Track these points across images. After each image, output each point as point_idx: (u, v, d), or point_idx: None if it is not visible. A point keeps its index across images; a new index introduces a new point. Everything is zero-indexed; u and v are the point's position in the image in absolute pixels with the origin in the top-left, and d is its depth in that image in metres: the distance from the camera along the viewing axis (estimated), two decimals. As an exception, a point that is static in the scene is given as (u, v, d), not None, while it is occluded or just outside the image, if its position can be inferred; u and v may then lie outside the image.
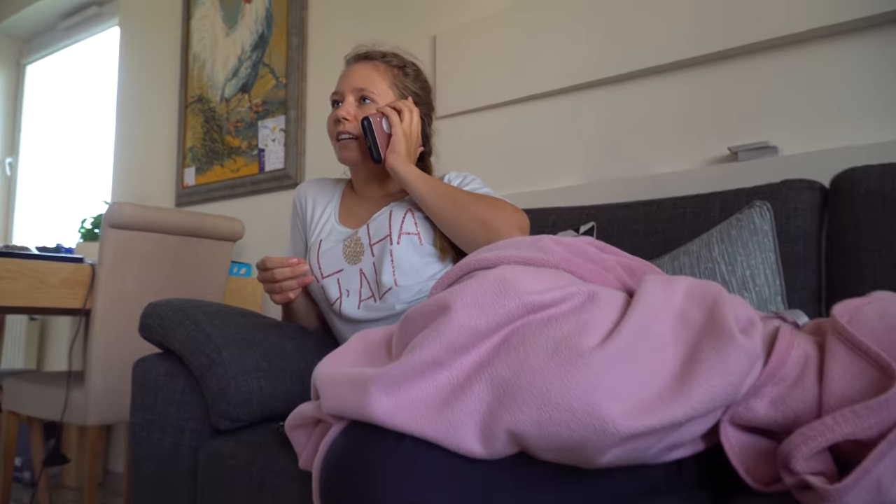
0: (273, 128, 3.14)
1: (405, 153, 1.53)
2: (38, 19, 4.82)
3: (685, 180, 1.84)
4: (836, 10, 1.69)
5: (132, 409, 1.47)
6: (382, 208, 1.61)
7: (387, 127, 1.54)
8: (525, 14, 2.27)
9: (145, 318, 1.49)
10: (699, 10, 1.90)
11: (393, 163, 1.51)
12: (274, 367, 1.44)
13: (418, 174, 1.51)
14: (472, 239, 1.43)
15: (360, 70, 1.63)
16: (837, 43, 1.72)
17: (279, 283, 1.51)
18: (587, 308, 0.81)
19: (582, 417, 0.71)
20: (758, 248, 1.38)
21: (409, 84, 1.65)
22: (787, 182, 1.54)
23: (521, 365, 0.75)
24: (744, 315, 0.83)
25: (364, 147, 1.59)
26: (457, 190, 1.49)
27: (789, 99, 1.78)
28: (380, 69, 1.63)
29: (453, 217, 1.45)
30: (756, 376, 0.80)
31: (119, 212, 2.19)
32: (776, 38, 1.77)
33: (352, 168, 1.69)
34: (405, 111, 1.55)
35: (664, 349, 0.79)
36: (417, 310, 0.86)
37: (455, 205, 1.45)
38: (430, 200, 1.48)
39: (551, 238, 1.01)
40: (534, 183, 2.23)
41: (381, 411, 0.76)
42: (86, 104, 4.70)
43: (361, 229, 1.58)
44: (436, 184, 1.49)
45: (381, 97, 1.60)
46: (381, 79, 1.62)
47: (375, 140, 1.52)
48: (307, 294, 1.67)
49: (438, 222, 1.48)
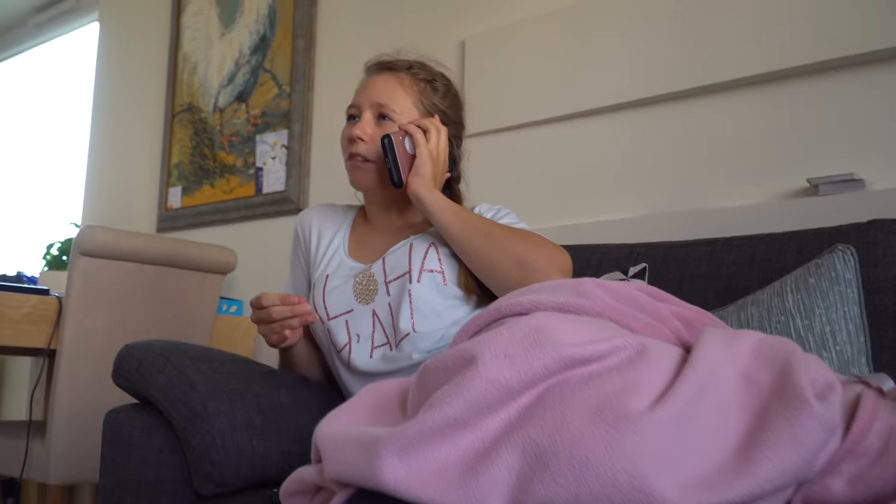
0: (273, 143, 3.18)
1: (430, 178, 1.54)
2: (5, 13, 4.91)
3: (755, 216, 1.84)
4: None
5: (102, 468, 1.49)
6: (401, 241, 1.62)
7: (410, 147, 1.56)
8: (571, 18, 2.30)
9: (120, 361, 1.51)
10: (778, 21, 1.92)
11: (416, 188, 1.52)
12: (269, 424, 1.46)
13: (445, 202, 1.52)
14: (505, 279, 1.44)
15: (382, 82, 1.65)
16: (937, 60, 1.74)
17: (276, 322, 1.52)
18: (636, 364, 0.82)
19: (628, 492, 0.71)
20: (839, 300, 1.38)
21: (437, 101, 1.67)
22: (875, 222, 1.54)
23: (558, 429, 0.76)
24: (821, 378, 0.84)
25: (381, 170, 1.60)
26: (489, 222, 1.51)
27: (880, 125, 1.78)
28: (404, 83, 1.65)
29: (485, 253, 1.46)
30: (833, 450, 0.80)
31: (91, 237, 2.23)
32: (866, 52, 1.79)
33: (366, 194, 1.71)
34: (432, 130, 1.57)
35: (726, 415, 0.79)
36: (438, 361, 0.87)
37: (487, 238, 1.46)
38: (458, 233, 1.49)
39: (595, 282, 1.02)
40: (575, 215, 2.24)
41: (394, 479, 0.76)
42: (57, 111, 4.77)
43: (376, 264, 1.60)
44: (465, 214, 1.51)
45: (404, 115, 1.62)
46: (404, 94, 1.64)
47: (397, 161, 1.54)
48: (309, 338, 1.68)
49: (467, 258, 1.50)
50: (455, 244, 1.50)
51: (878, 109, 1.79)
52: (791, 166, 1.89)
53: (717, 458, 0.76)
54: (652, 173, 2.13)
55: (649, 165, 2.13)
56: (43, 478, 2.23)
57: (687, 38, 2.06)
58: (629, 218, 2.10)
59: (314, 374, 1.70)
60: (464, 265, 1.53)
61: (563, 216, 2.26)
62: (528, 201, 2.32)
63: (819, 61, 1.84)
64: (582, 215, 2.23)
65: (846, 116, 1.83)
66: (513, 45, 2.42)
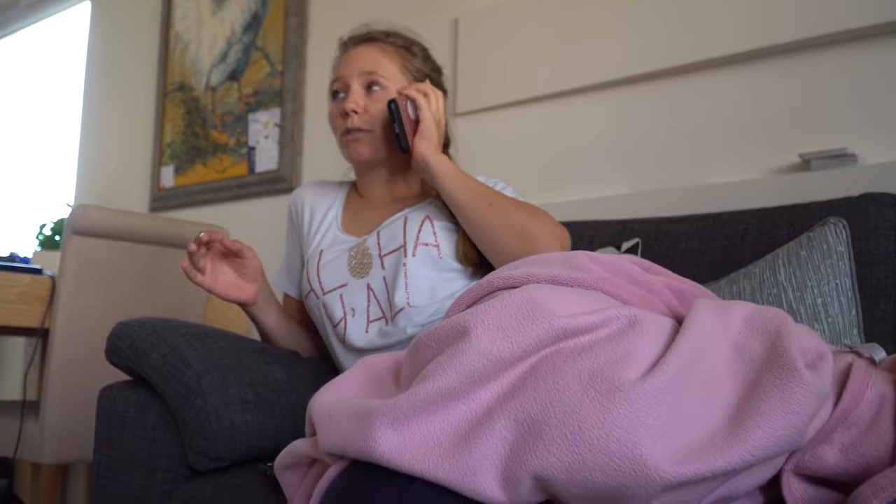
0: (266, 122, 3.17)
1: (437, 141, 1.54)
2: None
3: (748, 191, 1.84)
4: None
5: (95, 445, 1.49)
6: (395, 214, 1.62)
7: (412, 112, 1.55)
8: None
9: (113, 339, 1.51)
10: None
11: (423, 151, 1.51)
12: (262, 399, 1.46)
13: (452, 167, 1.52)
14: (505, 249, 1.43)
15: (364, 52, 1.64)
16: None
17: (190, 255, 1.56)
18: (628, 335, 0.82)
19: (620, 461, 0.72)
20: (831, 273, 1.38)
21: (419, 66, 1.67)
22: (867, 196, 1.54)
23: (550, 399, 0.76)
24: (812, 348, 0.84)
25: (382, 139, 1.60)
26: (494, 191, 1.50)
27: (872, 100, 1.78)
28: (386, 51, 1.64)
29: (488, 222, 1.45)
30: (824, 419, 0.80)
31: (84, 216, 2.22)
32: (858, 28, 1.78)
33: (359, 169, 1.70)
34: (431, 94, 1.56)
35: (717, 385, 0.80)
36: (431, 333, 0.87)
37: (491, 207, 1.46)
38: (463, 199, 1.48)
39: (587, 254, 1.02)
40: (569, 192, 2.24)
41: (387, 450, 0.77)
42: (49, 91, 4.75)
43: (370, 238, 1.59)
44: (470, 182, 1.50)
45: (393, 82, 1.61)
46: (389, 61, 1.63)
47: (403, 126, 1.53)
48: (280, 311, 1.69)
49: (468, 226, 1.49)
50: (458, 210, 1.50)
51: (870, 84, 1.79)
52: (783, 141, 1.89)
53: (708, 427, 0.76)
54: (644, 149, 2.12)
55: (642, 142, 2.13)
56: (36, 457, 2.23)
57: (678, 15, 2.05)
58: (622, 194, 2.10)
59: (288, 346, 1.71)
60: (463, 234, 1.53)
61: (556, 193, 2.26)
62: (520, 178, 2.31)
63: (811, 37, 1.84)
64: (575, 192, 2.23)
65: (838, 91, 1.83)
66: (506, 23, 2.41)
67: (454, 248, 1.54)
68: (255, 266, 1.61)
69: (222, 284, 1.59)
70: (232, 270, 1.61)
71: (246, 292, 1.61)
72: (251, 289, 1.61)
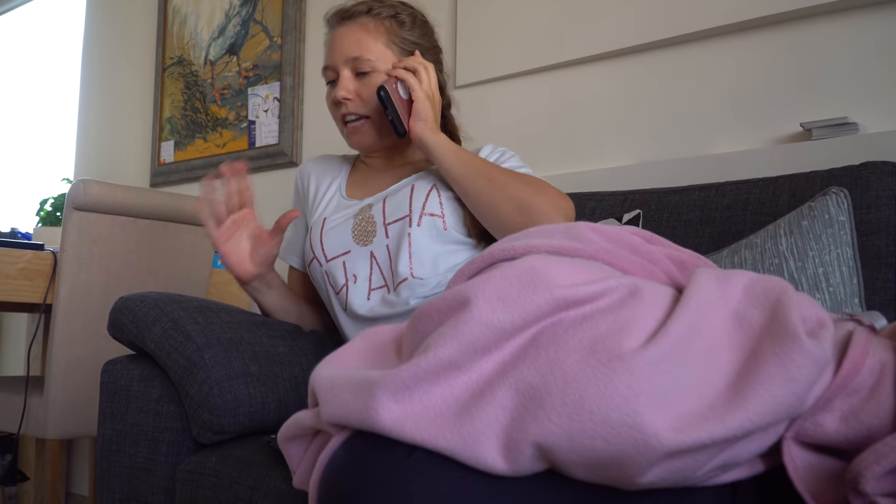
0: (265, 96, 3.16)
1: (432, 119, 1.54)
2: (-7, -33, 4.86)
3: (749, 161, 1.84)
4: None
5: (100, 419, 1.50)
6: (402, 180, 1.63)
7: (404, 92, 1.55)
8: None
9: (115, 314, 1.51)
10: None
11: (420, 132, 1.51)
12: (265, 372, 1.47)
13: (449, 145, 1.52)
14: (506, 223, 1.44)
15: (347, 34, 1.63)
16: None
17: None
18: (628, 304, 0.82)
19: (620, 429, 0.72)
20: (832, 242, 1.38)
21: (407, 35, 1.65)
22: (868, 165, 1.54)
23: (551, 368, 0.76)
24: (812, 315, 0.84)
25: (379, 124, 1.61)
26: (492, 165, 1.50)
27: (873, 68, 1.78)
28: (369, 27, 1.62)
29: (487, 197, 1.46)
30: (825, 386, 0.81)
31: (85, 191, 2.22)
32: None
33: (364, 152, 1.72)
34: (420, 70, 1.55)
35: (718, 353, 0.80)
36: (432, 304, 0.87)
37: (490, 182, 1.46)
38: (461, 176, 1.49)
39: (588, 225, 1.02)
40: (570, 164, 2.24)
41: (389, 419, 0.77)
42: (47, 67, 4.74)
43: (375, 206, 1.60)
44: (468, 157, 1.50)
45: (380, 61, 1.60)
46: (373, 40, 1.61)
47: (397, 111, 1.53)
48: (282, 292, 1.69)
49: (469, 202, 1.50)
50: (457, 186, 1.50)
51: (871, 53, 1.78)
52: (784, 111, 1.89)
53: (709, 394, 0.77)
54: (645, 120, 2.12)
55: (643, 113, 2.13)
56: (41, 433, 2.25)
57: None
58: (623, 165, 2.10)
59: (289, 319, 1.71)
60: (467, 210, 1.54)
61: (558, 165, 2.26)
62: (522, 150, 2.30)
63: (812, 5, 1.83)
64: (576, 163, 2.23)
65: (839, 60, 1.82)
66: (505, -7, 2.40)
67: (460, 219, 1.54)
68: (272, 254, 1.60)
69: (230, 248, 1.57)
70: (248, 245, 1.60)
71: (244, 269, 1.59)
72: (251, 270, 1.60)
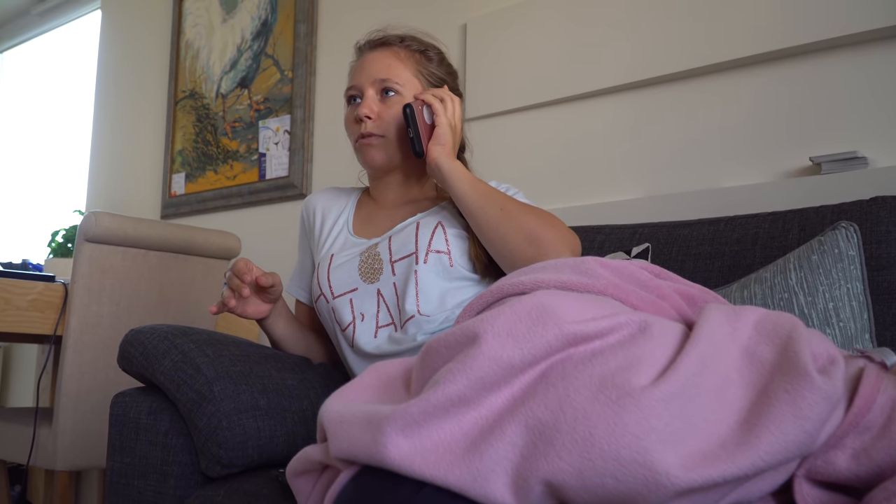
0: (276, 129, 3.18)
1: (451, 147, 1.54)
2: (9, 2, 4.90)
3: (758, 195, 1.84)
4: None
5: (109, 451, 1.50)
6: (407, 219, 1.63)
7: (428, 117, 1.55)
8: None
9: (125, 346, 1.51)
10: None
11: (437, 156, 1.51)
12: (273, 406, 1.46)
13: (464, 172, 1.52)
14: (516, 254, 1.44)
15: (379, 58, 1.65)
16: (940, 37, 1.73)
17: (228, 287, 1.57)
18: (638, 341, 0.82)
19: (631, 467, 0.72)
20: (843, 277, 1.38)
21: (434, 70, 1.67)
22: (878, 199, 1.54)
23: (561, 405, 0.76)
24: (823, 352, 0.84)
25: (396, 144, 1.60)
26: (506, 196, 1.50)
27: (882, 103, 1.78)
28: (400, 55, 1.65)
29: (497, 226, 1.45)
30: (836, 424, 0.80)
31: (96, 223, 2.23)
32: (870, 31, 1.78)
33: (372, 174, 1.71)
34: (447, 100, 1.56)
35: (728, 390, 0.80)
36: (441, 339, 0.87)
37: (502, 212, 1.46)
38: (474, 204, 1.48)
39: (597, 260, 1.02)
40: (579, 197, 2.24)
41: (398, 455, 0.77)
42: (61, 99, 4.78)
43: (382, 243, 1.60)
44: (483, 186, 1.51)
45: (407, 87, 1.62)
46: (403, 66, 1.63)
47: (419, 131, 1.53)
48: (290, 319, 1.70)
49: (479, 230, 1.49)
50: (470, 215, 1.50)
51: (881, 88, 1.79)
52: (794, 145, 1.89)
53: (719, 432, 0.76)
54: (654, 154, 2.12)
55: (652, 146, 2.13)
56: (50, 464, 2.24)
57: (688, 19, 2.05)
58: (632, 199, 2.10)
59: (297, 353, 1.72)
60: (474, 237, 1.53)
61: (566, 198, 2.26)
62: (530, 184, 2.32)
63: (821, 40, 1.84)
64: (585, 197, 2.23)
65: (849, 95, 1.83)
66: (514, 28, 2.41)
67: (465, 254, 1.54)
68: (279, 291, 1.61)
69: (245, 309, 1.60)
70: (255, 295, 1.61)
71: (262, 310, 1.62)
72: (267, 307, 1.62)
